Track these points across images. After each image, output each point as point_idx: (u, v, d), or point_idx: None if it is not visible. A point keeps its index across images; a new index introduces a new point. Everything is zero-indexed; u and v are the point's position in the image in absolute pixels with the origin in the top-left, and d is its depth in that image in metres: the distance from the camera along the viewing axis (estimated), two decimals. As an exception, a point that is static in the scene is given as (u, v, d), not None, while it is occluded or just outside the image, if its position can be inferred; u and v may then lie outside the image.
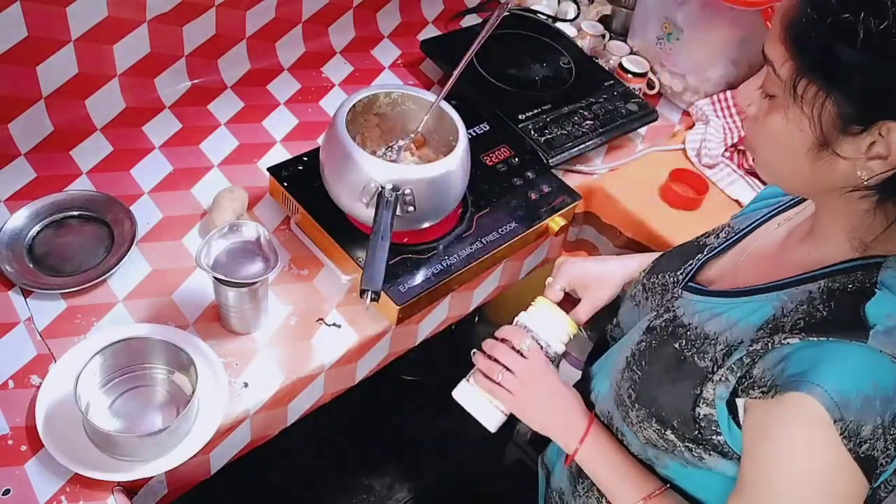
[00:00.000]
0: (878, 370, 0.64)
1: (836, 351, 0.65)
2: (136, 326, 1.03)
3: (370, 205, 1.04)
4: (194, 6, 1.32)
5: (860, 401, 0.63)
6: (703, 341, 0.78)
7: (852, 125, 0.66)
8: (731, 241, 0.91)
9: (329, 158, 1.10)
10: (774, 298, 0.74)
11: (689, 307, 0.83)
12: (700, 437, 0.77)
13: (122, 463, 0.89)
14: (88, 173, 1.22)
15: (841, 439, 0.63)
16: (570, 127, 1.40)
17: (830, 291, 0.70)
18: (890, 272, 0.69)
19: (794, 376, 0.66)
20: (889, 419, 0.64)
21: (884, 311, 0.66)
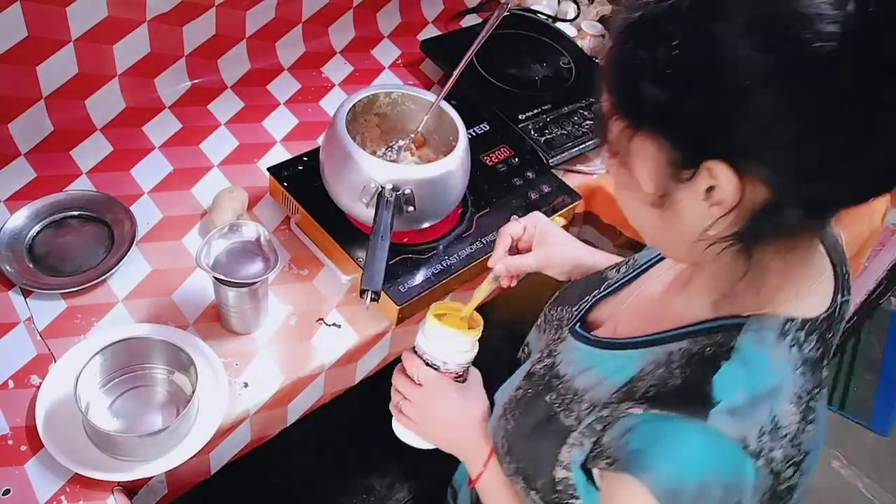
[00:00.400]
0: (717, 454, 0.57)
1: (676, 430, 0.59)
2: (136, 326, 1.03)
3: (370, 205, 1.05)
4: (194, 6, 1.32)
5: (694, 488, 0.57)
6: (572, 397, 0.72)
7: (681, 170, 0.57)
8: (627, 278, 0.84)
9: (329, 158, 1.10)
10: (638, 358, 0.68)
11: (567, 354, 0.77)
12: (559, 501, 0.72)
13: (122, 463, 0.89)
14: (88, 173, 1.22)
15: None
16: (570, 127, 1.40)
17: (690, 355, 0.63)
18: (749, 335, 0.61)
19: (632, 453, 0.60)
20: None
21: (732, 385, 0.59)
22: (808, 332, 0.62)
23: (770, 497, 0.58)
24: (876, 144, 0.52)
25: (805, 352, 0.62)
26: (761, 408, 0.58)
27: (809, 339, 0.62)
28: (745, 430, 0.57)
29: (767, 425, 0.58)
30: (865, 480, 2.22)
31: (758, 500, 0.58)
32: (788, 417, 0.59)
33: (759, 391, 0.59)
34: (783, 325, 0.61)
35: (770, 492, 0.58)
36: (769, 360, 0.60)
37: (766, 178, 0.55)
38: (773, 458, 0.57)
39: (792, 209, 0.56)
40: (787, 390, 0.60)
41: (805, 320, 0.62)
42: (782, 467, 0.58)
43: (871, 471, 2.25)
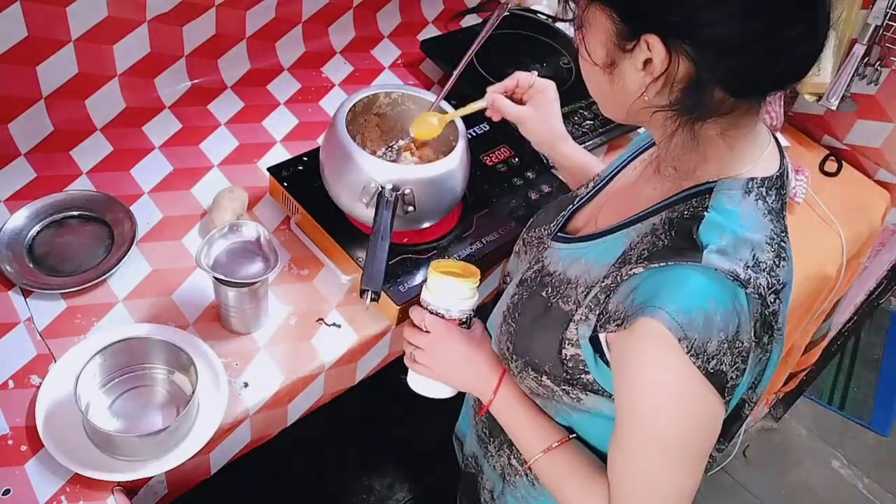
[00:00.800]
0: (715, 288, 0.66)
1: (676, 274, 0.67)
2: (136, 326, 1.03)
3: (370, 205, 1.05)
4: (194, 6, 1.32)
5: (701, 318, 0.65)
6: (566, 286, 0.80)
7: (625, 41, 0.68)
8: (597, 187, 0.93)
9: (329, 158, 1.10)
10: (624, 236, 0.77)
11: (554, 256, 0.85)
12: (570, 378, 0.79)
13: (122, 463, 0.89)
14: (88, 173, 1.22)
15: (689, 357, 0.65)
16: (570, 127, 1.39)
17: (670, 221, 0.73)
18: (719, 196, 0.71)
19: (640, 304, 0.68)
20: (732, 333, 0.66)
21: (715, 232, 0.69)
22: (767, 187, 0.73)
23: (761, 324, 0.69)
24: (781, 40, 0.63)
25: (769, 203, 0.72)
26: (743, 247, 0.68)
27: (770, 193, 0.73)
28: (734, 264, 0.67)
29: (750, 261, 0.68)
30: (865, 480, 2.23)
31: (751, 325, 0.67)
32: (765, 254, 0.69)
33: (739, 235, 0.69)
34: (746, 184, 0.72)
35: (759, 317, 0.68)
36: (741, 211, 0.71)
37: (690, 55, 0.65)
38: (759, 284, 0.68)
39: (714, 88, 0.67)
40: (761, 233, 0.70)
41: (763, 178, 0.73)
42: (766, 293, 0.68)
43: (871, 471, 2.25)
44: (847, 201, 1.55)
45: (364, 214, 1.07)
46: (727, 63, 0.65)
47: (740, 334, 0.67)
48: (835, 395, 2.41)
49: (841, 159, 1.64)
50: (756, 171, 0.73)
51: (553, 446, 0.85)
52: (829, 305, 1.67)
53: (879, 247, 1.77)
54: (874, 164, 1.63)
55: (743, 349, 0.67)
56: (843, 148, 1.66)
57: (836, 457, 2.26)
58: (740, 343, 0.67)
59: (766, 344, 0.71)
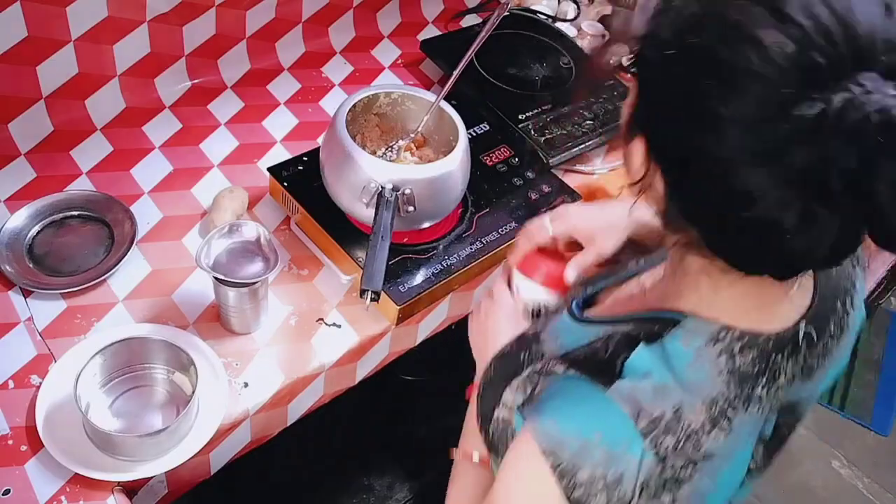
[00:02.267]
0: (608, 423, 0.60)
1: (578, 391, 0.63)
2: (136, 326, 1.03)
3: (370, 205, 1.05)
4: (194, 6, 1.32)
5: (578, 444, 0.59)
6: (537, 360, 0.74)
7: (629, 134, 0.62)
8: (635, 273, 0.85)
9: (329, 158, 1.10)
10: (594, 333, 0.70)
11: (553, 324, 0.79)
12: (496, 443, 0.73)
13: (122, 463, 0.89)
14: (88, 173, 1.22)
15: (553, 475, 0.59)
16: (570, 127, 1.40)
17: (627, 337, 0.66)
18: (679, 332, 0.63)
19: (538, 404, 0.64)
20: (612, 477, 0.58)
21: (643, 368, 0.61)
22: (746, 345, 0.62)
23: (659, 485, 0.59)
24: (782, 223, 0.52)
25: (736, 363, 0.62)
26: (667, 396, 0.60)
27: (745, 353, 0.62)
28: (640, 409, 0.59)
29: (669, 414, 0.59)
30: (865, 480, 2.22)
31: (640, 480, 0.58)
32: (694, 416, 0.60)
33: (670, 382, 0.60)
34: (717, 332, 0.62)
35: (658, 478, 0.59)
36: (692, 359, 0.62)
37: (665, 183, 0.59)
38: (662, 443, 0.59)
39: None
40: (702, 391, 0.61)
41: (744, 333, 0.62)
42: (671, 455, 0.59)
43: (871, 471, 2.25)
44: (847, 201, 1.54)
45: (364, 214, 1.07)
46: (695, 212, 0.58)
47: (622, 482, 0.58)
48: (835, 395, 2.41)
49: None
50: (743, 320, 0.62)
51: (473, 460, 0.83)
52: (829, 305, 1.67)
53: (879, 247, 1.77)
54: (874, 164, 1.63)
55: (624, 498, 0.58)
56: (843, 148, 1.65)
57: (836, 457, 2.26)
58: (622, 492, 0.58)
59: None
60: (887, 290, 1.93)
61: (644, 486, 0.58)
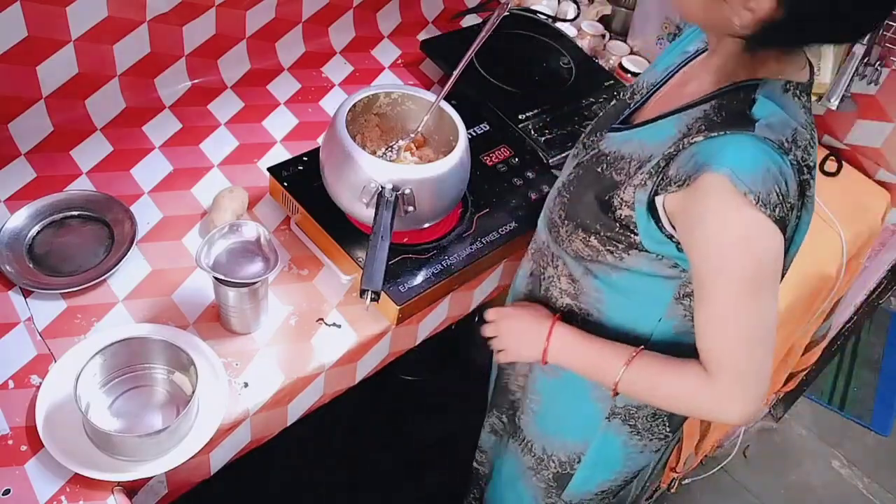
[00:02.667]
0: (766, 151, 0.77)
1: (734, 140, 0.78)
2: (136, 326, 1.03)
3: (370, 205, 1.05)
4: (194, 6, 1.32)
5: (760, 174, 0.76)
6: (620, 161, 0.89)
7: None
8: (650, 94, 0.99)
9: (329, 158, 1.10)
10: (676, 120, 0.86)
11: (609, 141, 0.94)
12: (618, 236, 0.89)
13: (122, 463, 0.89)
14: (88, 173, 1.22)
15: (757, 206, 0.76)
16: (570, 127, 1.40)
17: (721, 105, 0.83)
18: (764, 90, 0.82)
19: (702, 163, 0.78)
20: (784, 188, 0.77)
21: (766, 111, 0.80)
22: (801, 90, 0.85)
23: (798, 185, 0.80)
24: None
25: (802, 101, 0.85)
26: (787, 127, 0.80)
27: (803, 95, 0.85)
28: (780, 137, 0.79)
29: (790, 137, 0.80)
30: (865, 480, 2.22)
31: (796, 186, 0.80)
32: (803, 135, 0.82)
33: (782, 117, 0.80)
34: (785, 85, 0.83)
35: (798, 181, 0.80)
36: (783, 102, 0.82)
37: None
38: (797, 156, 0.80)
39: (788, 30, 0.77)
40: (800, 119, 0.82)
41: (798, 83, 0.85)
42: (802, 165, 0.81)
43: (871, 471, 2.25)
44: (847, 201, 1.55)
45: (364, 214, 1.07)
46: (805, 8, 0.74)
47: (789, 192, 0.78)
48: (835, 395, 2.41)
49: (841, 159, 1.64)
50: (794, 76, 0.84)
51: (632, 357, 0.92)
52: (829, 305, 1.67)
53: (879, 247, 1.77)
54: (874, 164, 1.63)
55: (792, 205, 0.78)
56: (844, 148, 1.66)
57: (836, 457, 2.26)
58: (790, 200, 0.78)
59: (800, 209, 0.82)
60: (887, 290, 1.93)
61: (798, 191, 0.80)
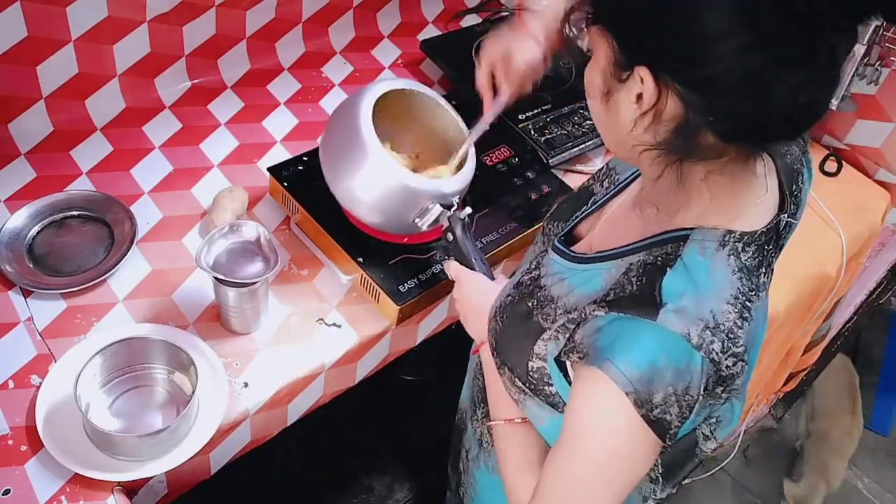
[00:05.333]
0: (667, 346, 0.66)
1: (632, 328, 0.68)
2: (136, 326, 1.03)
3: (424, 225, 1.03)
4: (194, 6, 1.32)
5: (650, 373, 0.66)
6: (548, 303, 0.80)
7: (620, 71, 0.66)
8: (609, 195, 0.92)
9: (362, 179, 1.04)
10: (604, 269, 0.76)
11: (548, 267, 0.86)
12: (534, 388, 0.81)
13: (122, 463, 0.89)
14: (88, 173, 1.22)
15: (633, 406, 0.66)
16: (570, 127, 1.40)
17: (644, 265, 0.72)
18: (693, 245, 0.70)
19: (599, 349, 0.69)
20: (682, 388, 0.66)
21: (677, 290, 0.68)
22: (745, 243, 0.71)
23: (714, 381, 0.67)
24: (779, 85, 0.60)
25: (742, 260, 0.71)
26: (703, 307, 0.67)
27: (747, 250, 0.71)
28: (689, 326, 0.66)
29: (710, 321, 0.67)
30: (865, 480, 2.22)
31: (703, 383, 0.67)
32: (726, 315, 0.68)
33: (700, 293, 0.68)
34: (723, 237, 0.71)
35: (714, 376, 0.67)
36: (710, 266, 0.70)
37: (680, 93, 0.63)
38: (712, 349, 0.67)
39: (703, 131, 0.64)
40: (725, 292, 0.69)
41: (743, 233, 0.71)
42: (721, 357, 0.67)
43: (871, 471, 2.25)
44: (847, 201, 1.55)
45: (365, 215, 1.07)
46: (718, 105, 0.63)
47: (690, 390, 0.67)
48: (835, 395, 2.41)
49: (841, 159, 1.64)
50: (738, 223, 0.72)
51: (515, 420, 0.87)
52: (829, 305, 1.67)
53: (879, 247, 1.77)
54: (874, 164, 1.63)
55: (691, 402, 0.67)
56: (843, 148, 1.66)
57: (836, 457, 2.26)
58: (689, 397, 0.67)
59: (720, 395, 0.70)
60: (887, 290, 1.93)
61: (705, 387, 0.67)
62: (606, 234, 0.84)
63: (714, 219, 0.72)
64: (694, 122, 0.64)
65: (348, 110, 1.04)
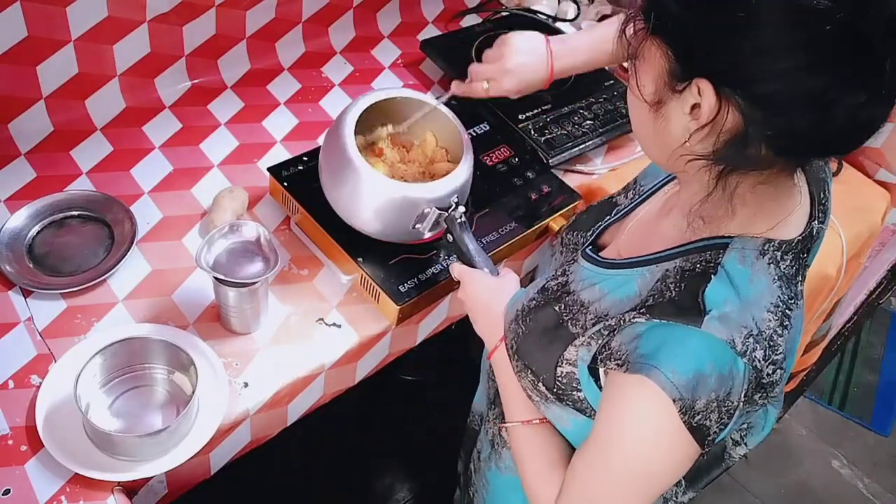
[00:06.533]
0: (712, 352, 0.67)
1: (677, 334, 0.68)
2: (136, 326, 1.03)
3: (426, 230, 1.04)
4: (194, 6, 1.32)
5: (695, 380, 0.66)
6: (579, 308, 0.80)
7: (676, 82, 0.66)
8: (633, 205, 0.92)
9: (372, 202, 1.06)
10: (638, 275, 0.76)
11: (577, 273, 0.85)
12: (561, 394, 0.80)
13: (122, 463, 0.89)
14: (88, 173, 1.22)
15: (678, 413, 0.66)
16: (570, 127, 1.40)
17: (682, 272, 0.72)
18: (733, 254, 0.71)
19: (642, 356, 0.68)
20: (724, 394, 0.67)
21: (721, 297, 0.68)
22: (784, 252, 0.72)
23: (755, 387, 0.68)
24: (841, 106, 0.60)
25: (782, 268, 0.71)
26: (745, 315, 0.68)
27: (785, 258, 0.72)
28: (733, 333, 0.67)
29: (753, 329, 0.68)
30: (865, 480, 2.23)
31: (744, 389, 0.67)
32: (767, 323, 0.69)
33: (743, 301, 0.68)
34: (763, 246, 0.71)
35: (755, 383, 0.68)
36: (751, 275, 0.70)
37: (741, 107, 0.63)
38: (755, 356, 0.67)
39: (759, 144, 0.65)
40: (766, 300, 0.69)
41: (782, 242, 0.72)
42: (763, 365, 0.68)
43: (871, 471, 2.25)
44: (847, 201, 1.54)
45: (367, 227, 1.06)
46: (778, 121, 0.63)
47: (731, 395, 0.67)
48: (835, 395, 2.41)
49: (841, 159, 1.64)
50: (777, 232, 0.72)
51: (534, 421, 0.86)
52: (829, 305, 1.67)
53: (879, 247, 1.76)
54: (874, 164, 1.63)
55: (731, 408, 0.68)
56: (844, 148, 1.65)
57: (836, 457, 2.26)
58: (730, 403, 0.67)
59: (758, 401, 0.71)
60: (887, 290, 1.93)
61: (746, 394, 0.68)
62: (635, 241, 0.84)
63: (755, 228, 0.72)
64: (751, 135, 0.64)
65: (335, 130, 1.07)
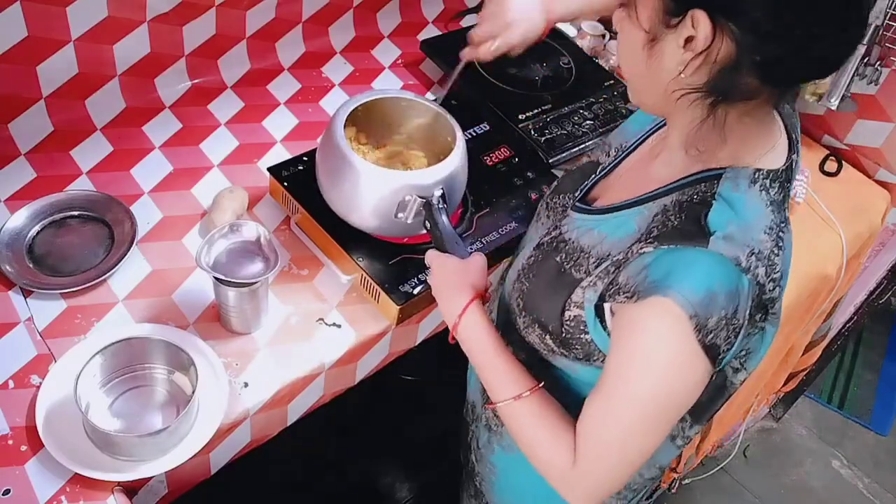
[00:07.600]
0: (720, 270, 0.70)
1: (686, 256, 0.71)
2: (136, 326, 1.03)
3: (409, 218, 1.04)
4: (194, 6, 1.32)
5: (708, 297, 0.69)
6: (579, 254, 0.83)
7: (670, 17, 0.69)
8: (617, 161, 0.95)
9: (342, 184, 1.07)
10: (636, 213, 0.80)
11: (571, 225, 0.88)
12: (569, 337, 0.82)
13: (122, 463, 0.89)
14: (88, 173, 1.22)
15: (693, 331, 0.70)
16: (570, 127, 1.40)
17: (680, 204, 0.76)
18: (727, 183, 0.75)
19: (653, 282, 0.71)
20: (731, 312, 0.70)
21: (723, 219, 0.72)
22: (772, 179, 0.76)
23: (757, 305, 0.73)
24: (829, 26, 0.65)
25: (771, 195, 0.76)
26: (746, 235, 0.72)
27: (773, 186, 0.76)
28: (737, 251, 0.71)
29: (754, 247, 0.72)
30: (865, 480, 2.23)
31: (748, 306, 0.72)
32: (764, 244, 0.73)
33: (742, 224, 0.73)
34: (753, 174, 0.75)
35: (757, 300, 0.73)
36: (746, 200, 0.74)
37: (734, 34, 0.67)
38: (757, 273, 0.72)
39: (750, 72, 0.69)
40: (762, 223, 0.74)
41: (769, 171, 0.76)
42: (765, 281, 0.73)
43: (871, 471, 2.25)
44: (847, 201, 1.55)
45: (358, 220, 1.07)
46: (768, 47, 0.67)
47: (737, 313, 0.71)
48: (835, 395, 2.41)
49: (841, 159, 1.64)
50: (763, 162, 0.76)
51: (524, 394, 0.85)
52: (829, 305, 1.67)
53: (879, 247, 1.77)
54: (874, 164, 1.63)
55: (737, 326, 0.71)
56: (844, 148, 1.66)
57: (836, 457, 2.26)
58: (736, 321, 0.71)
59: (759, 322, 0.75)
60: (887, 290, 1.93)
61: (750, 311, 0.72)
62: (626, 187, 0.86)
63: (744, 158, 0.76)
64: (743, 63, 0.68)
65: (328, 128, 1.08)
